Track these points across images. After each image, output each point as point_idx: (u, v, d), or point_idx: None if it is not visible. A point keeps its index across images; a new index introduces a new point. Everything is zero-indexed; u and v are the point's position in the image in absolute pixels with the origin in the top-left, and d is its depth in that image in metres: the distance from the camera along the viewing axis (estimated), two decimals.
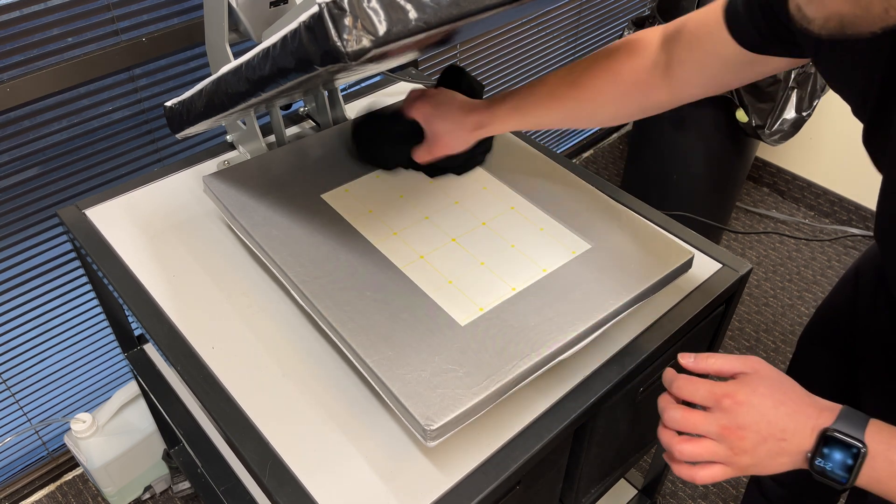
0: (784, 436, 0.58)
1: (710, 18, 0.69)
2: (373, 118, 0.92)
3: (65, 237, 1.22)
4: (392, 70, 1.20)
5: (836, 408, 0.58)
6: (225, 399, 0.72)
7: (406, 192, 0.89)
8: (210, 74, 0.73)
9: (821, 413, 0.58)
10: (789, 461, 0.58)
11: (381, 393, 0.67)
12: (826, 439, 0.56)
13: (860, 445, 0.55)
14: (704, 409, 0.61)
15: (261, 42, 0.60)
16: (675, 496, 1.53)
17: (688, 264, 0.80)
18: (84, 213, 0.93)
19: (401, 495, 0.65)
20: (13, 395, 1.31)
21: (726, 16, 0.67)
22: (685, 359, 0.65)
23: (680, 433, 0.62)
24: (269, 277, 0.84)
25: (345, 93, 1.14)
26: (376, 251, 0.80)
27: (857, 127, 0.59)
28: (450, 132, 0.84)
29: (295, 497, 0.64)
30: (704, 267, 0.88)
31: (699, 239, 0.92)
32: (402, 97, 0.93)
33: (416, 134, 0.88)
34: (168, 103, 0.83)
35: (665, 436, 0.62)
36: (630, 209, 0.89)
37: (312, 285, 0.74)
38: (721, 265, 0.88)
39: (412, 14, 0.51)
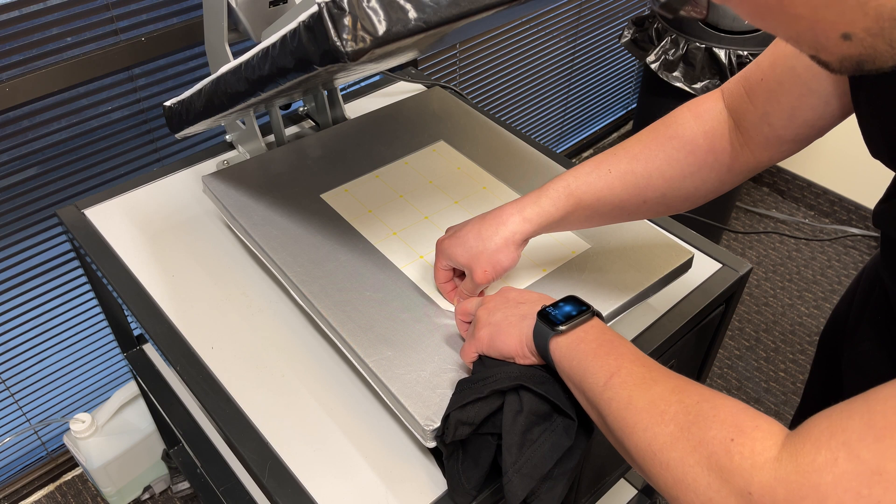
0: (523, 299, 0.64)
1: (789, 55, 0.60)
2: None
3: (64, 237, 1.22)
4: (392, 70, 1.20)
5: None
6: (224, 399, 0.72)
7: (406, 192, 0.89)
8: (209, 74, 0.73)
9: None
10: (517, 323, 0.61)
11: (380, 393, 0.67)
12: (564, 299, 0.60)
13: (592, 307, 0.59)
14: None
15: (260, 42, 0.60)
16: None
17: (688, 264, 0.80)
18: (83, 213, 0.93)
19: (401, 495, 0.65)
20: (12, 395, 1.31)
21: None
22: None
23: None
24: (268, 277, 0.84)
25: (344, 93, 1.14)
26: (376, 251, 0.80)
27: (857, 127, 0.58)
28: (485, 247, 0.67)
29: (295, 497, 0.64)
30: (704, 267, 0.88)
31: (699, 239, 0.91)
32: (402, 97, 0.92)
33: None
34: (167, 103, 0.83)
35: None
36: None
37: (312, 285, 0.74)
38: (721, 265, 0.88)
39: (412, 14, 0.51)
